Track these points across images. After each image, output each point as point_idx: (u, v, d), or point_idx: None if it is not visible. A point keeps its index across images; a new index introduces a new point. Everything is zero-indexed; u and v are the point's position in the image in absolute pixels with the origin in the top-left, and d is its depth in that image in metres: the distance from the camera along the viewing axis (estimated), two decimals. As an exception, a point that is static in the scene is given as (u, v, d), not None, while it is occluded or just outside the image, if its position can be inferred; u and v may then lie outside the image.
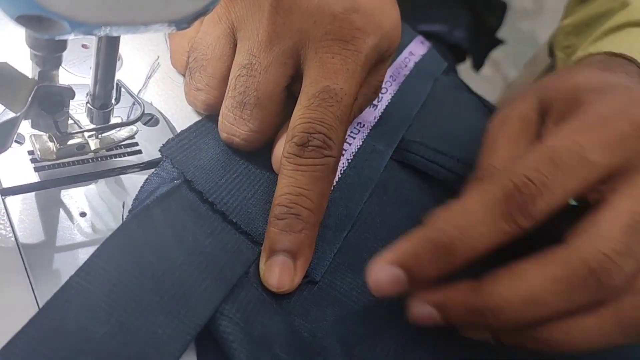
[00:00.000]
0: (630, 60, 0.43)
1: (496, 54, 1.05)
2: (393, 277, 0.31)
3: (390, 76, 0.49)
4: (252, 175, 0.38)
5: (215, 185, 0.36)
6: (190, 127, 0.39)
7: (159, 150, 0.37)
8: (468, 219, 0.30)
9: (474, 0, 0.99)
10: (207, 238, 0.33)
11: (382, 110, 0.45)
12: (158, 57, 0.45)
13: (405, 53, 0.51)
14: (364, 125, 0.44)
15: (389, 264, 0.31)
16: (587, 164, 0.30)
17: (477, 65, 1.04)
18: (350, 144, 0.42)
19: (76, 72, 0.42)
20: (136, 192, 0.36)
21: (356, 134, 0.43)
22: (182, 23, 0.28)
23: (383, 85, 0.47)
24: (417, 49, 0.53)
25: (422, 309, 0.32)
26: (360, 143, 0.42)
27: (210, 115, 0.41)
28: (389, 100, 0.46)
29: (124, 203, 0.35)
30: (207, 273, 0.32)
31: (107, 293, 0.29)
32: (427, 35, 0.56)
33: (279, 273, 0.34)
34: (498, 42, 1.05)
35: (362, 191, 0.40)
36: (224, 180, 0.36)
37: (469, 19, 0.97)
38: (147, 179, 0.36)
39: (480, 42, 1.02)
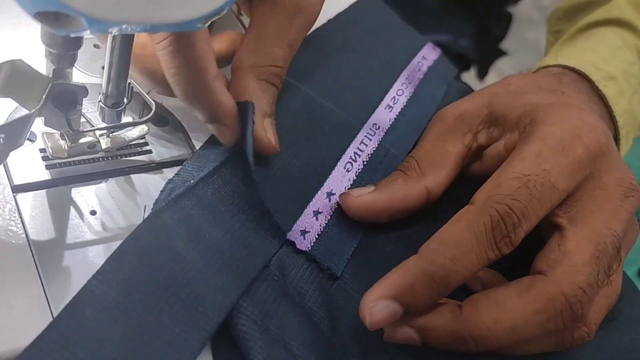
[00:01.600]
0: (582, 74, 0.45)
1: (501, 63, 1.05)
2: (390, 312, 0.31)
3: (406, 78, 0.49)
4: (287, 175, 0.38)
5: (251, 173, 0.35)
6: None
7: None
8: (461, 250, 0.31)
9: (479, 10, 1.00)
10: (224, 235, 0.33)
11: (398, 113, 0.46)
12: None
13: (418, 57, 0.52)
14: (379, 127, 0.44)
15: (384, 298, 0.31)
16: (555, 191, 0.33)
17: (482, 74, 1.04)
18: (366, 145, 0.42)
19: (88, 71, 0.42)
20: (146, 192, 0.36)
21: (372, 136, 0.43)
22: (197, 22, 0.29)
23: (399, 87, 0.48)
24: (429, 53, 0.53)
25: (403, 331, 0.32)
26: (376, 146, 0.43)
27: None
28: (404, 103, 0.47)
29: (145, 207, 0.36)
30: (224, 269, 0.32)
31: (124, 295, 0.29)
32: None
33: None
34: (502, 53, 1.06)
35: None
36: (260, 172, 0.36)
37: (474, 29, 0.97)
38: (164, 186, 0.36)
39: (485, 52, 1.03)
